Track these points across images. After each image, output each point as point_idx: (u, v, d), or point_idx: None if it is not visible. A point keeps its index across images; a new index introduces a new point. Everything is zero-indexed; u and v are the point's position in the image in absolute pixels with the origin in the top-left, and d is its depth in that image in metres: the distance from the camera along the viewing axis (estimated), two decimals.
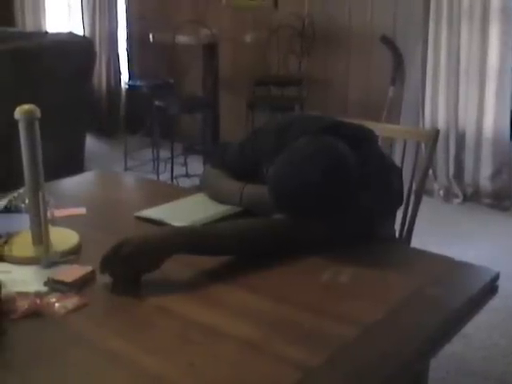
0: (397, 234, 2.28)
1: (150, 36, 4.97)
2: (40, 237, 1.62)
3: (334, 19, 5.11)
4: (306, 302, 1.46)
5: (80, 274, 1.49)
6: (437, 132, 2.43)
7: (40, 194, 1.60)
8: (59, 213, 1.89)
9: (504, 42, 4.37)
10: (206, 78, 4.93)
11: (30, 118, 1.58)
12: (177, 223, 1.81)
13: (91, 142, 5.81)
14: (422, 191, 2.34)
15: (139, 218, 1.90)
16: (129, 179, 2.51)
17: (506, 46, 4.37)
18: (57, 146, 3.90)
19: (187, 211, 1.93)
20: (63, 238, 1.71)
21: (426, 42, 4.68)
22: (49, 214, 1.69)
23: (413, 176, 2.37)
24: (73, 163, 5.07)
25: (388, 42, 4.69)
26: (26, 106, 1.58)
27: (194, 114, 5.21)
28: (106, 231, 1.84)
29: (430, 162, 2.38)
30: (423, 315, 1.43)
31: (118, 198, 2.19)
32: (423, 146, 2.41)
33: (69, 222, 1.84)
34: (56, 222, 1.80)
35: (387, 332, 1.36)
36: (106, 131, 6.44)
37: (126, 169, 5.28)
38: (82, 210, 1.97)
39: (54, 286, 1.45)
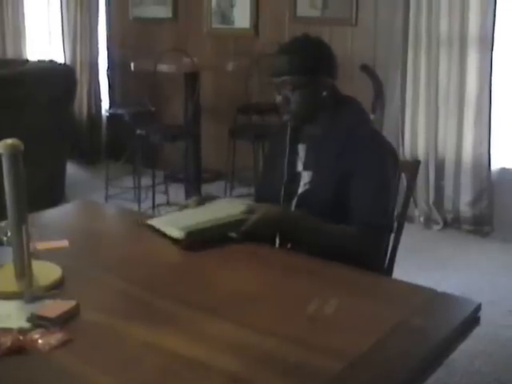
0: None
1: (132, 65, 4.98)
2: (23, 271, 1.61)
3: None
4: (292, 334, 1.46)
5: (64, 309, 1.48)
6: (417, 163, 2.46)
7: (23, 228, 1.60)
8: (42, 245, 1.87)
9: (482, 70, 4.43)
10: (188, 107, 4.94)
11: (13, 152, 1.58)
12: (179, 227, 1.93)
13: (72, 169, 5.80)
14: (403, 222, 2.35)
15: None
16: (111, 210, 2.50)
17: (483, 74, 4.43)
18: (38, 173, 3.90)
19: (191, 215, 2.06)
20: (46, 271, 1.70)
21: (405, 70, 4.73)
22: (31, 247, 1.68)
23: (394, 206, 2.38)
24: (53, 190, 5.06)
25: (368, 71, 4.74)
26: (10, 141, 1.58)
27: (175, 142, 5.22)
28: (88, 264, 1.84)
29: (411, 192, 2.41)
30: (407, 347, 1.44)
31: (101, 230, 2.19)
32: (403, 175, 2.43)
33: (51, 254, 1.83)
34: (38, 255, 1.78)
35: (373, 364, 1.37)
36: (87, 158, 6.42)
37: (106, 196, 5.25)
38: (64, 243, 1.96)
39: (38, 321, 1.44)
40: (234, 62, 5.12)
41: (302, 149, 2.20)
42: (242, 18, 5.56)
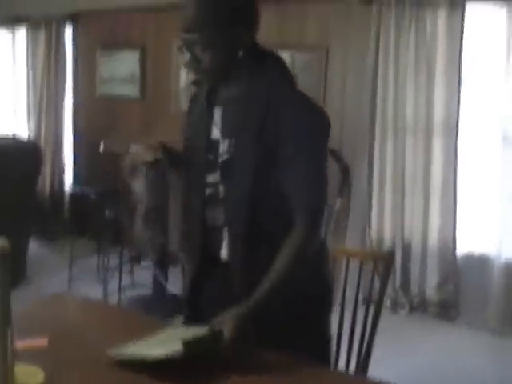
0: (355, 356, 2.28)
1: (101, 146, 4.96)
2: (5, 378, 1.55)
3: None
4: None
5: None
6: (392, 255, 2.49)
7: (8, 332, 1.55)
8: (20, 345, 1.80)
9: (447, 156, 4.55)
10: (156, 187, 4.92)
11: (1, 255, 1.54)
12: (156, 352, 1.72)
13: (33, 246, 5.68)
14: (379, 315, 2.35)
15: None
16: (87, 304, 2.45)
17: (448, 160, 4.55)
18: None
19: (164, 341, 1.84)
20: (28, 376, 1.64)
21: (372, 154, 4.83)
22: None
23: (369, 298, 2.40)
24: (15, 269, 4.94)
25: (335, 155, 4.80)
26: None
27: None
28: (70, 366, 1.77)
29: (385, 285, 2.44)
30: None
31: (79, 327, 2.11)
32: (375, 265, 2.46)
33: (30, 355, 1.76)
34: (17, 355, 1.72)
35: None
36: (49, 235, 6.32)
37: (70, 278, 5.13)
38: (43, 342, 1.90)
39: None
40: None
41: (217, 112, 1.98)
42: None
